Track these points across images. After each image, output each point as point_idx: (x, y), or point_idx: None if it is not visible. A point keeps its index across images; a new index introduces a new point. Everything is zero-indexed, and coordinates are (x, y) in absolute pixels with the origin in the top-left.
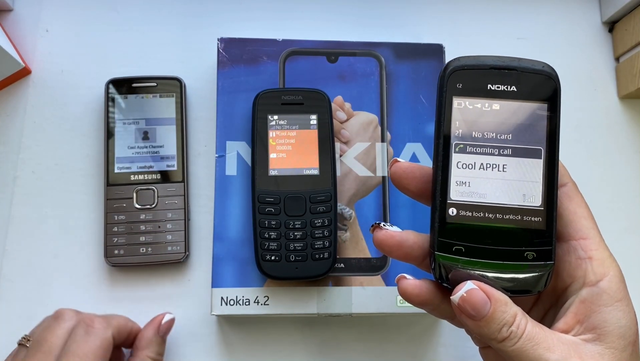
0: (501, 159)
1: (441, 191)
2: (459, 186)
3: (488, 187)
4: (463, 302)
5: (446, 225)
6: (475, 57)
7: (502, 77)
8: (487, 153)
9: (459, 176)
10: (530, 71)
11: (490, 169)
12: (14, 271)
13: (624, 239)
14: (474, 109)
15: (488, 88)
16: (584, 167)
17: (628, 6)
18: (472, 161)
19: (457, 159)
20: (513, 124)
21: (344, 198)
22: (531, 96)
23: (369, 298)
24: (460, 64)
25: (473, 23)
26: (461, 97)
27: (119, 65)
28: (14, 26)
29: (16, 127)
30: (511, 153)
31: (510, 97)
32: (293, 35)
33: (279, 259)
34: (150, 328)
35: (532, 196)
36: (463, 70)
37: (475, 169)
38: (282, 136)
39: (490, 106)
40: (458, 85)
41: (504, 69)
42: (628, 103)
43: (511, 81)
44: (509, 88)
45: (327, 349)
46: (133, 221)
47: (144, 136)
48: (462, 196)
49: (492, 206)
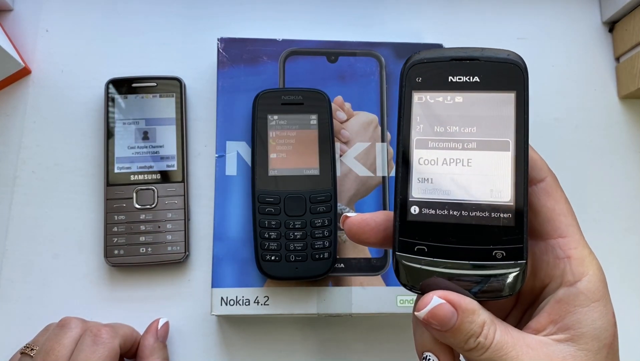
0: (465, 153)
1: (402, 189)
2: (421, 183)
3: (452, 183)
4: (429, 318)
5: (407, 224)
6: (436, 50)
7: (464, 68)
8: (450, 148)
9: (420, 172)
10: (494, 60)
11: (454, 164)
12: (14, 271)
13: (624, 239)
14: (435, 102)
15: (449, 80)
16: (584, 168)
17: (628, 6)
18: (434, 157)
19: (418, 155)
20: (477, 116)
21: (344, 198)
22: (496, 85)
23: (369, 298)
24: (420, 58)
25: (473, 23)
26: (421, 92)
27: (119, 65)
28: (14, 26)
29: (16, 127)
30: (476, 147)
31: (473, 89)
32: (293, 35)
33: (279, 259)
34: (149, 335)
35: (500, 191)
36: (422, 63)
37: (438, 165)
38: (282, 136)
39: (453, 99)
40: (417, 79)
41: (465, 59)
42: (628, 103)
43: (473, 71)
44: (472, 79)
45: (327, 349)
46: (133, 221)
47: (144, 136)
48: (425, 194)
49: (456, 203)
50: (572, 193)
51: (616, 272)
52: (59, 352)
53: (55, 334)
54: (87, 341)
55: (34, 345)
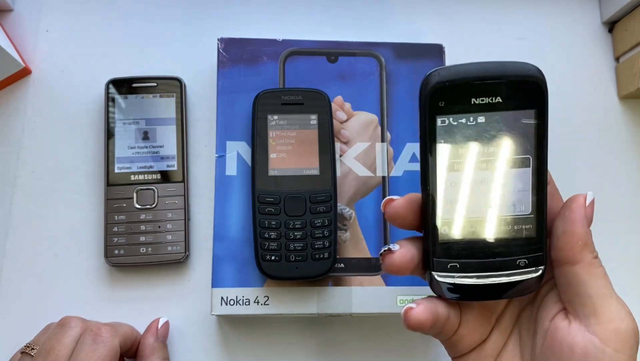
0: (489, 173)
1: (431, 212)
2: (449, 204)
3: (477, 201)
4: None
5: (438, 244)
6: (455, 68)
7: (486, 88)
8: (474, 168)
9: (448, 194)
10: (516, 77)
11: (479, 183)
12: (14, 271)
13: (624, 239)
14: (458, 124)
15: (472, 102)
16: (584, 168)
17: (628, 6)
18: (459, 178)
19: (444, 177)
20: (499, 135)
21: (344, 198)
22: (517, 104)
23: (369, 298)
24: (440, 80)
25: (473, 23)
26: (444, 115)
27: (119, 65)
28: (14, 26)
29: (16, 127)
30: (499, 165)
31: (496, 109)
32: (293, 35)
33: (279, 259)
34: (149, 335)
35: (522, 205)
36: (444, 86)
37: (465, 185)
38: (282, 136)
39: (475, 120)
40: (440, 103)
41: (487, 79)
42: (628, 103)
43: (496, 91)
44: (494, 100)
45: (327, 349)
46: (133, 221)
47: (144, 136)
48: (453, 214)
49: (482, 220)
50: (572, 193)
51: (616, 272)
52: (59, 351)
53: (55, 333)
54: (87, 340)
55: (34, 345)
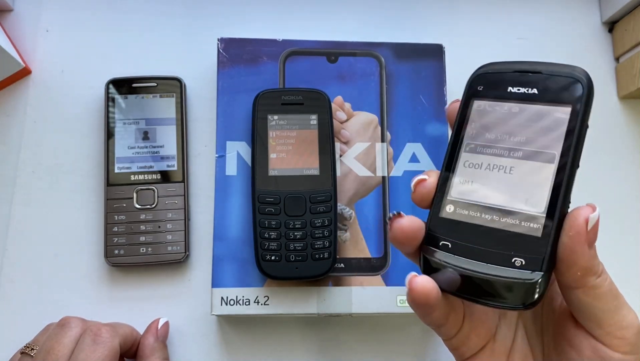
0: (509, 161)
1: (441, 187)
2: (462, 184)
3: (491, 188)
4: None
5: (438, 220)
6: (504, 62)
7: (524, 79)
8: (495, 154)
9: (463, 174)
10: (556, 73)
11: (496, 170)
12: (14, 271)
13: (624, 239)
14: (492, 110)
15: (508, 90)
16: (583, 168)
17: (628, 6)
18: (479, 161)
19: (464, 158)
20: (529, 127)
21: (344, 198)
22: (552, 98)
23: (369, 298)
24: (486, 69)
25: (473, 23)
26: (481, 100)
27: (119, 65)
28: (14, 26)
29: (16, 127)
30: (521, 156)
31: (530, 100)
32: (293, 35)
33: (279, 259)
34: (149, 335)
35: (536, 201)
36: (487, 73)
37: (481, 169)
38: (282, 136)
39: (510, 108)
40: (479, 87)
41: (527, 72)
42: (628, 103)
43: (533, 83)
44: (530, 90)
45: (327, 349)
46: (133, 221)
47: (144, 136)
48: (463, 195)
49: (490, 207)
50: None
51: (616, 272)
52: (59, 352)
53: (55, 333)
54: (87, 340)
55: (34, 345)
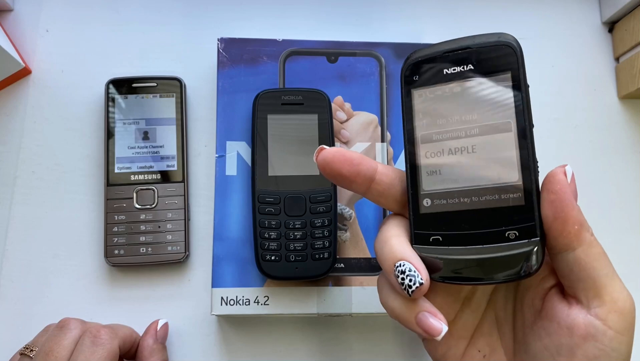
0: (469, 140)
1: (412, 184)
2: (430, 175)
3: (460, 171)
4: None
5: (420, 217)
6: (430, 47)
7: (457, 59)
8: (453, 137)
9: (428, 165)
10: (485, 45)
11: (459, 153)
12: (14, 271)
13: (625, 239)
14: (434, 97)
15: (444, 73)
16: (584, 168)
17: (628, 6)
18: (439, 149)
19: (424, 150)
20: (476, 102)
21: (344, 198)
22: (490, 69)
23: (369, 298)
24: (415, 57)
25: (473, 23)
26: (420, 88)
27: (119, 65)
28: (14, 26)
29: (16, 127)
30: (478, 132)
31: (468, 77)
32: (293, 35)
33: (279, 259)
34: (149, 336)
35: (508, 172)
36: (418, 62)
37: (444, 155)
38: (282, 136)
39: (451, 90)
40: (415, 77)
41: (457, 50)
42: (628, 103)
43: (466, 60)
44: (466, 67)
45: (327, 349)
46: (133, 221)
47: (144, 136)
48: (435, 185)
49: (465, 190)
50: None
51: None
52: (58, 353)
53: (54, 335)
54: (86, 342)
55: (33, 346)
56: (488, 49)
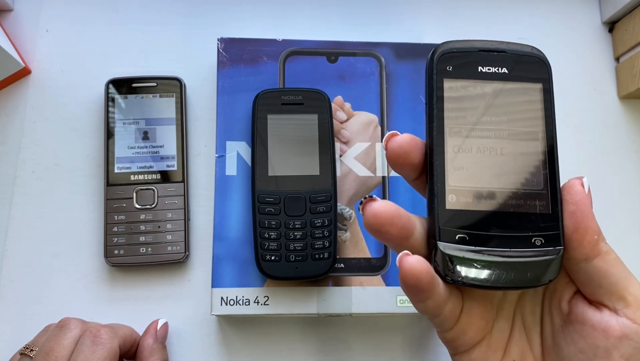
0: (498, 142)
1: (438, 177)
2: (457, 171)
3: (486, 171)
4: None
5: (446, 213)
6: (463, 41)
7: (492, 59)
8: (482, 137)
9: (455, 160)
10: (520, 53)
11: (487, 153)
12: (14, 271)
13: (625, 239)
14: (466, 92)
15: (479, 70)
16: (584, 167)
17: (628, 6)
18: (468, 145)
19: (452, 143)
20: (507, 106)
21: (344, 198)
22: (523, 77)
23: (369, 298)
24: (449, 47)
25: (473, 23)
26: (452, 80)
27: (119, 65)
28: (14, 26)
29: (16, 127)
30: (507, 136)
31: (502, 79)
32: (293, 35)
33: (279, 259)
34: (149, 336)
35: (534, 179)
36: (452, 53)
37: (472, 153)
38: (282, 136)
39: (482, 89)
40: (448, 67)
41: (493, 51)
42: (628, 103)
43: (501, 63)
44: (500, 70)
45: (327, 349)
46: (133, 221)
47: (144, 136)
48: (461, 182)
49: (493, 191)
50: None
51: None
52: (58, 353)
53: (54, 335)
54: (86, 341)
55: (33, 346)
56: (523, 58)
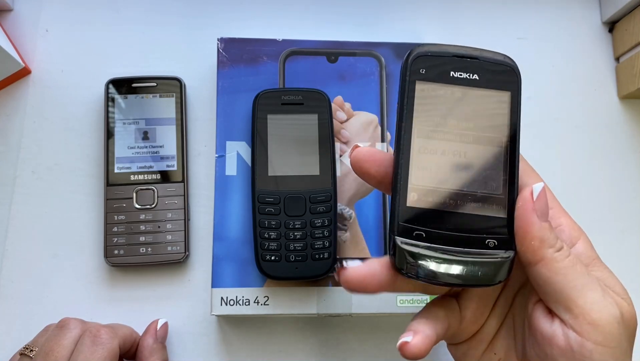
0: (463, 146)
1: (402, 175)
2: (420, 170)
3: (449, 173)
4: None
5: (407, 209)
6: (438, 45)
7: (465, 65)
8: (448, 140)
9: (420, 160)
10: (492, 61)
11: (451, 155)
12: (14, 271)
13: (624, 239)
14: (436, 95)
15: (451, 75)
16: (583, 167)
17: (628, 6)
18: (433, 147)
19: (418, 144)
20: (475, 112)
21: (344, 198)
22: (493, 84)
23: (369, 298)
24: (424, 50)
25: (473, 23)
26: (424, 82)
27: (119, 65)
28: (14, 26)
29: (16, 127)
30: (472, 140)
31: (473, 85)
32: (293, 35)
33: (279, 259)
34: (149, 336)
35: (494, 183)
36: (426, 56)
37: (437, 154)
38: (282, 136)
39: (453, 93)
40: (421, 70)
41: (466, 57)
42: (628, 103)
43: (473, 69)
44: (471, 76)
45: (327, 349)
46: (133, 221)
47: (144, 136)
48: (423, 181)
49: (453, 192)
50: (572, 193)
51: (616, 272)
52: (58, 353)
53: (54, 335)
54: (86, 342)
55: (33, 346)
56: (495, 66)
